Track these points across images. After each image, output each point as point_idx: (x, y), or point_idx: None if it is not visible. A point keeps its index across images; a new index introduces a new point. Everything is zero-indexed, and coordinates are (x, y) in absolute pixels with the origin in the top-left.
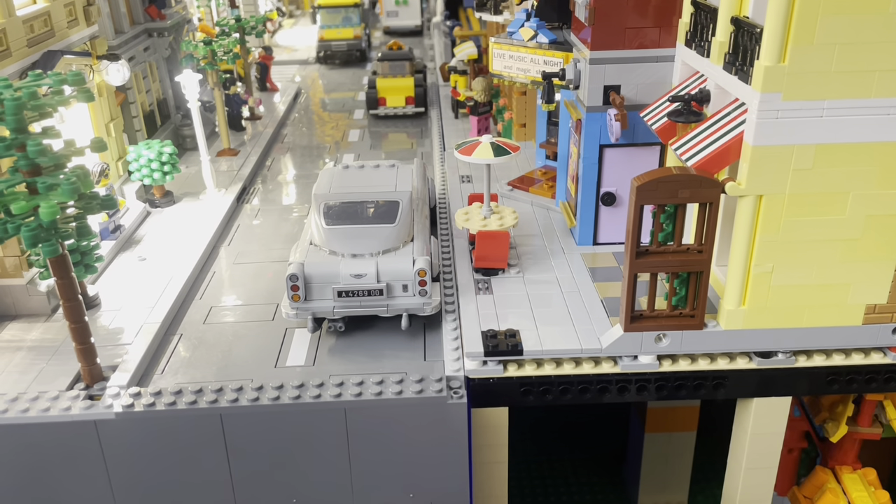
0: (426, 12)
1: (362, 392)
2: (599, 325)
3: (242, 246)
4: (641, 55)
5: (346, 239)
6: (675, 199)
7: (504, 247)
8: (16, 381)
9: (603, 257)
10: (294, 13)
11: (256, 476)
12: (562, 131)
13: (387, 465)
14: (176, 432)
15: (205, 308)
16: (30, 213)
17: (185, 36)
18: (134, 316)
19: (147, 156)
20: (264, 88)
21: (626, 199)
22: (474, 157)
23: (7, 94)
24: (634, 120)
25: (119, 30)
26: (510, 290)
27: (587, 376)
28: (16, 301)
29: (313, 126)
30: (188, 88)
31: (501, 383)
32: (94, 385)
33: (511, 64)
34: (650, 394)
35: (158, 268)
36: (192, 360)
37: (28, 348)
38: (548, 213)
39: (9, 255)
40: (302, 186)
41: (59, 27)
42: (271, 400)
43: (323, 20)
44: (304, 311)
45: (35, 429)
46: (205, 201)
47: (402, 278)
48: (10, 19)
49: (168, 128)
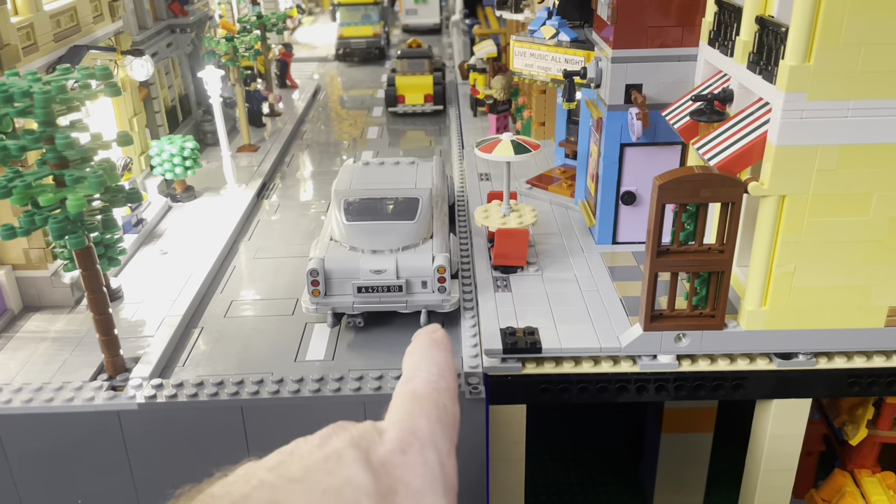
0: (445, 10)
1: (381, 386)
2: (618, 324)
3: (262, 241)
4: (664, 54)
5: (365, 235)
6: (696, 198)
7: (523, 245)
8: (40, 372)
9: (622, 256)
10: (313, 10)
11: None
12: (582, 130)
13: None
14: (197, 424)
15: (225, 302)
16: (57, 206)
17: (206, 32)
18: (155, 309)
19: (169, 150)
20: (284, 85)
21: (646, 199)
22: (494, 154)
23: (36, 87)
24: (655, 119)
25: (143, 25)
26: (529, 288)
27: (606, 375)
28: (40, 292)
29: (332, 123)
30: (210, 84)
31: (519, 381)
32: (117, 376)
33: (532, 62)
34: (669, 393)
35: (180, 262)
36: (213, 353)
37: (52, 339)
38: (567, 212)
39: (34, 246)
40: (320, 183)
41: (85, 22)
42: (291, 393)
43: (342, 18)
44: (324, 305)
45: (59, 418)
46: (225, 196)
47: (422, 275)
48: (37, 14)
49: (189, 123)
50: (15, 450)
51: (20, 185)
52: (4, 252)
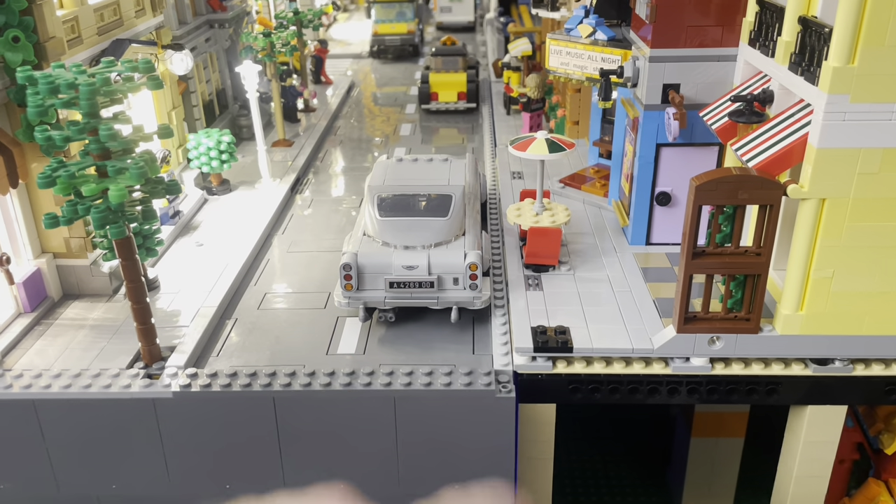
0: (479, 8)
1: (412, 382)
2: (651, 325)
3: (295, 235)
4: (702, 54)
5: (398, 230)
6: (734, 199)
7: (556, 244)
8: (78, 358)
9: (656, 257)
10: (349, 7)
11: (305, 459)
12: (617, 129)
13: (433, 455)
14: (230, 413)
15: (259, 294)
16: (98, 196)
17: (244, 28)
18: (191, 299)
19: (206, 144)
20: (318, 81)
21: (681, 200)
22: (529, 152)
23: (81, 79)
24: (692, 119)
25: (182, 20)
26: (561, 287)
27: (637, 376)
28: (79, 281)
29: (365, 120)
30: (248, 79)
31: (550, 380)
32: (153, 364)
33: (568, 60)
34: (701, 396)
35: (215, 254)
36: (247, 345)
37: (90, 327)
38: (600, 212)
39: (74, 235)
40: (353, 179)
41: (128, 16)
42: (323, 386)
43: (377, 15)
44: (356, 300)
45: (96, 405)
46: (260, 190)
47: (454, 271)
48: (82, 8)
49: (226, 117)
50: (53, 434)
51: (64, 175)
52: (46, 241)
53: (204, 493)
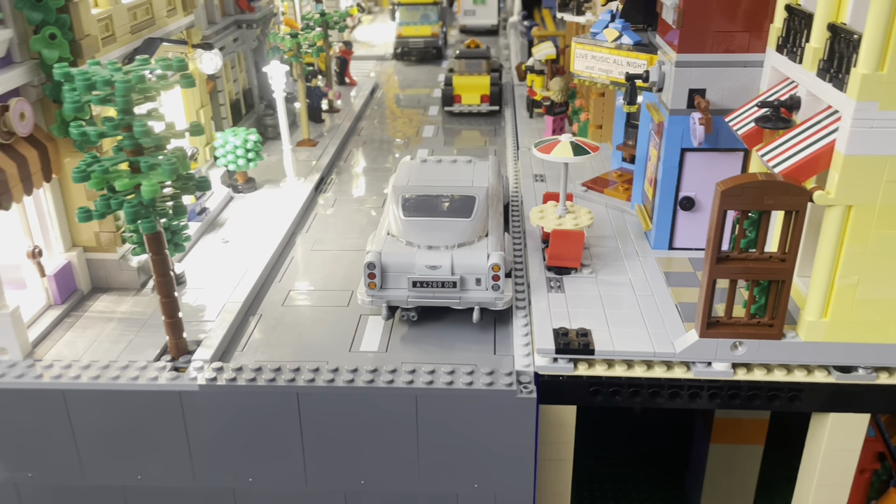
0: (502, 12)
1: (434, 380)
2: (673, 329)
3: (319, 234)
4: (729, 59)
5: (422, 230)
6: (760, 205)
7: (578, 246)
8: (107, 350)
9: (678, 262)
10: (372, 10)
11: (327, 454)
12: (641, 134)
13: (454, 453)
14: (254, 407)
15: (283, 291)
16: (131, 191)
17: (271, 28)
18: (216, 295)
19: (233, 142)
20: (343, 82)
21: (705, 204)
22: (553, 155)
23: (117, 76)
24: (718, 125)
25: (211, 20)
26: (582, 289)
27: (659, 380)
28: (108, 274)
29: (389, 121)
30: (275, 79)
31: (571, 381)
32: (180, 358)
33: (593, 64)
34: (722, 401)
35: (240, 250)
36: (271, 340)
37: (119, 319)
38: (622, 216)
39: (104, 230)
40: (376, 179)
41: (160, 16)
42: (346, 382)
43: (402, 17)
44: (379, 298)
45: (123, 396)
46: (284, 189)
47: (476, 272)
48: (116, 7)
49: (251, 117)
50: (81, 424)
51: (98, 170)
52: (76, 235)
53: (227, 485)
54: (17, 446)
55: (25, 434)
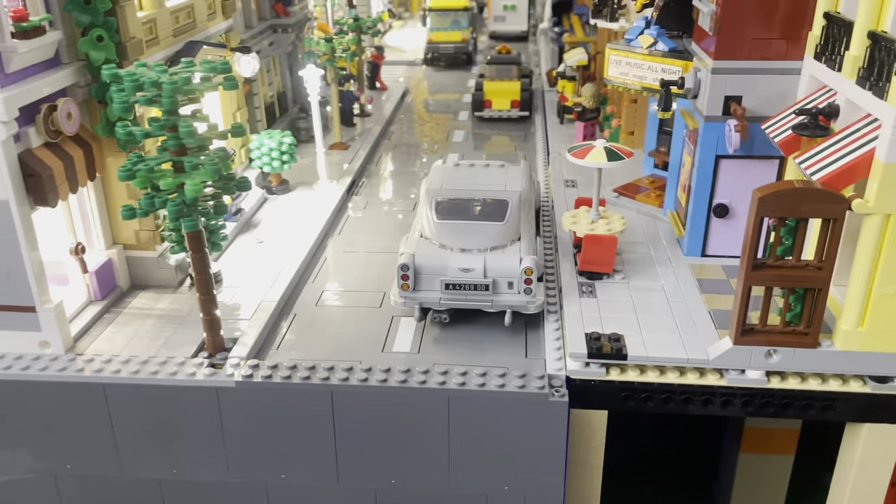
0: (532, 18)
1: (466, 382)
2: (707, 336)
3: (351, 236)
4: (765, 67)
5: (455, 233)
6: (797, 212)
7: (611, 252)
8: (146, 346)
9: (711, 269)
10: (402, 15)
11: (359, 452)
12: (675, 140)
13: (484, 455)
14: (289, 404)
15: (317, 291)
16: (174, 190)
17: (305, 33)
18: (251, 294)
19: (269, 145)
20: (374, 87)
21: (739, 212)
22: (587, 160)
23: (164, 78)
24: (753, 132)
25: (248, 24)
26: (614, 294)
27: (691, 387)
28: (147, 272)
29: (419, 126)
30: (310, 83)
31: (603, 386)
32: (217, 354)
33: (627, 71)
34: (755, 409)
35: (274, 251)
36: (305, 339)
37: (157, 316)
38: (654, 222)
39: (144, 228)
40: (406, 183)
41: (200, 19)
42: (379, 382)
43: (433, 23)
44: (412, 300)
45: (162, 391)
46: (317, 191)
47: (509, 275)
48: (159, 10)
49: (285, 120)
50: (120, 417)
51: (143, 169)
52: (117, 232)
53: (260, 480)
54: (56, 438)
55: (65, 426)
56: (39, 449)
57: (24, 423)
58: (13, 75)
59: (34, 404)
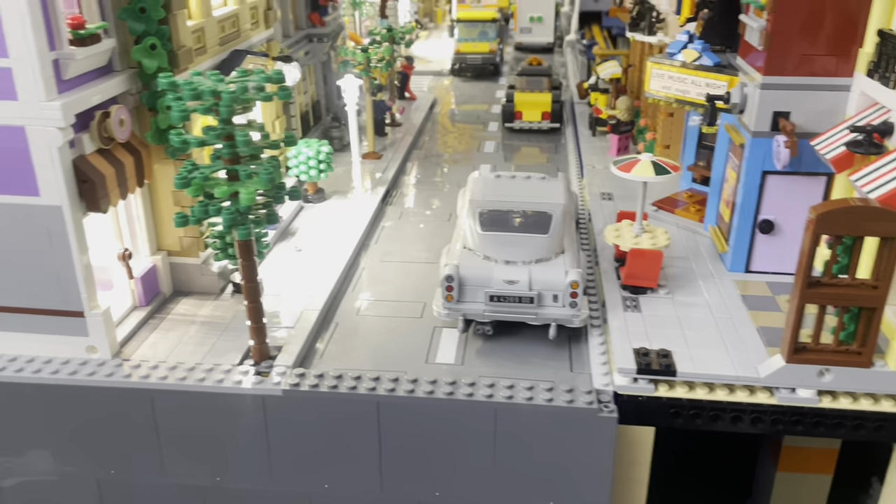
0: (558, 30)
1: (513, 395)
2: (755, 353)
3: (387, 245)
4: (815, 83)
5: (500, 245)
6: (855, 231)
7: (656, 266)
8: (191, 353)
9: (755, 285)
10: (427, 25)
11: (404, 463)
12: (717, 155)
13: (530, 469)
14: (334, 414)
15: (357, 301)
16: (226, 198)
17: (339, 43)
18: (292, 301)
19: (306, 153)
20: (403, 97)
21: (784, 228)
22: (633, 174)
23: (222, 87)
24: (801, 148)
25: (286, 34)
26: (659, 309)
27: (741, 404)
28: (189, 278)
29: (448, 136)
30: (348, 93)
31: (651, 402)
32: (262, 362)
33: (670, 84)
34: (805, 428)
35: (313, 259)
36: (347, 348)
37: (201, 323)
38: (694, 236)
39: (188, 235)
40: (438, 193)
41: (244, 28)
42: (426, 393)
43: (461, 34)
44: (456, 311)
45: (208, 398)
46: (353, 200)
47: (554, 288)
48: (208, 19)
49: (318, 128)
50: (166, 423)
51: (199, 178)
52: (162, 239)
53: (303, 489)
54: (101, 443)
55: (111, 431)
56: (84, 453)
57: (69, 427)
58: (69, 82)
59: (80, 409)
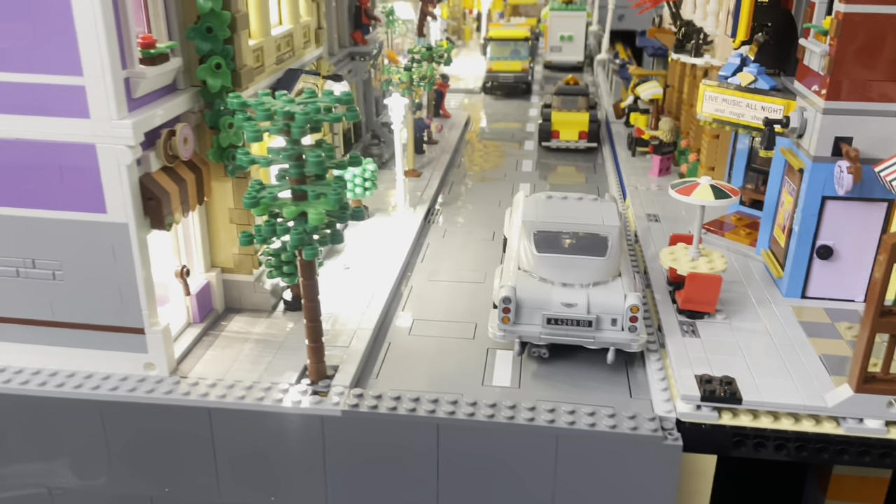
0: (588, 48)
1: (575, 421)
2: (820, 382)
3: (434, 264)
4: (878, 108)
5: (557, 267)
6: None
7: (715, 291)
8: (248, 371)
9: (812, 312)
10: (455, 42)
11: (461, 487)
12: (773, 178)
13: (589, 497)
14: (393, 436)
15: (408, 320)
16: (292, 218)
17: (380, 61)
18: (342, 320)
19: (353, 171)
20: (437, 115)
21: (843, 254)
22: (693, 197)
23: (294, 108)
24: (863, 174)
25: (331, 52)
26: (718, 335)
27: (806, 434)
28: (241, 295)
29: (485, 154)
30: (395, 111)
31: (714, 430)
32: (319, 382)
33: (724, 107)
34: (873, 460)
35: (362, 277)
36: (402, 369)
37: (255, 340)
38: (745, 260)
39: (243, 252)
40: (480, 211)
41: (298, 47)
42: (486, 417)
43: (493, 52)
44: (512, 333)
45: (267, 417)
46: (396, 218)
47: (613, 312)
48: (266, 38)
49: (359, 146)
50: (222, 442)
51: (267, 197)
52: (216, 255)
53: None
54: (157, 461)
55: (167, 449)
56: (139, 470)
57: (126, 443)
58: (139, 100)
59: (138, 426)
